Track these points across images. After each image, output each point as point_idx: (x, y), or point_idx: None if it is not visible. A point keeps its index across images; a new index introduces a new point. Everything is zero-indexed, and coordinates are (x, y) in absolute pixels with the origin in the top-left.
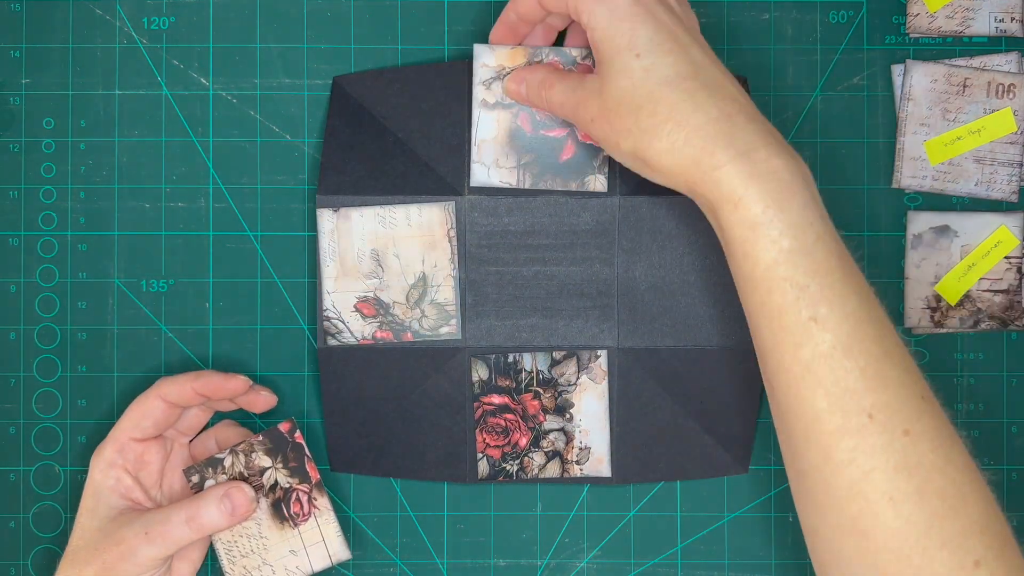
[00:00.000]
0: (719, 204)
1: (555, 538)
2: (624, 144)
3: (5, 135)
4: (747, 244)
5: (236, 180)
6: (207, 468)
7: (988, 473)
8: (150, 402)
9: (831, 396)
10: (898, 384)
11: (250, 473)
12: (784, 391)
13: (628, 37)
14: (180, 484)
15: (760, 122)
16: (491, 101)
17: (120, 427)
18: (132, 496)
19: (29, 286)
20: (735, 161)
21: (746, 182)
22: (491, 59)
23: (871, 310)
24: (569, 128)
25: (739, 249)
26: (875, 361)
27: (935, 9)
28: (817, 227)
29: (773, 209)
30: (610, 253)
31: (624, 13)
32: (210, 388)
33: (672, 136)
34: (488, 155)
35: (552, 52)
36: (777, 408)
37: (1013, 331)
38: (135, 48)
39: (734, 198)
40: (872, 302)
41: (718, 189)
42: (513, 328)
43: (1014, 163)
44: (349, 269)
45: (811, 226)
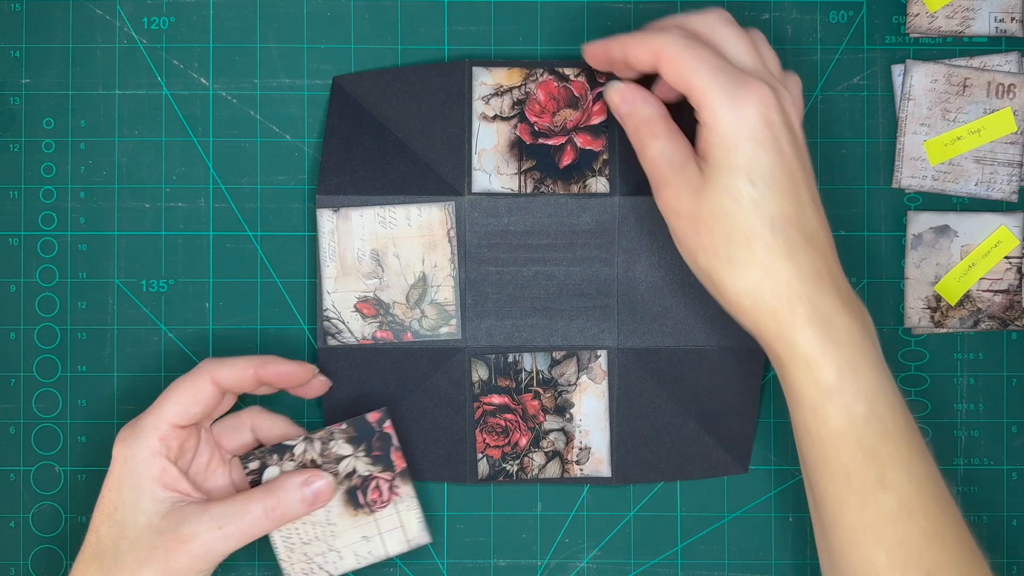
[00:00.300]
0: (790, 361)
1: (555, 538)
2: (702, 260)
3: (5, 135)
4: (818, 406)
5: (236, 180)
6: (270, 455)
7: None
8: (201, 386)
9: (892, 554)
10: (955, 541)
11: (324, 461)
12: (841, 543)
13: (747, 160)
14: (215, 471)
15: (841, 280)
16: (490, 115)
17: (163, 413)
18: (178, 487)
19: (29, 286)
20: (814, 325)
21: (824, 346)
22: (488, 78)
23: (930, 468)
24: (569, 135)
25: (808, 407)
26: (935, 521)
27: (935, 9)
28: (889, 393)
29: (848, 375)
30: (610, 253)
31: (750, 132)
32: (276, 375)
33: (758, 281)
34: (489, 163)
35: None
36: (829, 555)
37: (1013, 331)
38: (135, 48)
39: (809, 360)
40: (929, 460)
41: (793, 348)
42: (513, 328)
43: (1014, 163)
44: (349, 269)
45: (884, 392)
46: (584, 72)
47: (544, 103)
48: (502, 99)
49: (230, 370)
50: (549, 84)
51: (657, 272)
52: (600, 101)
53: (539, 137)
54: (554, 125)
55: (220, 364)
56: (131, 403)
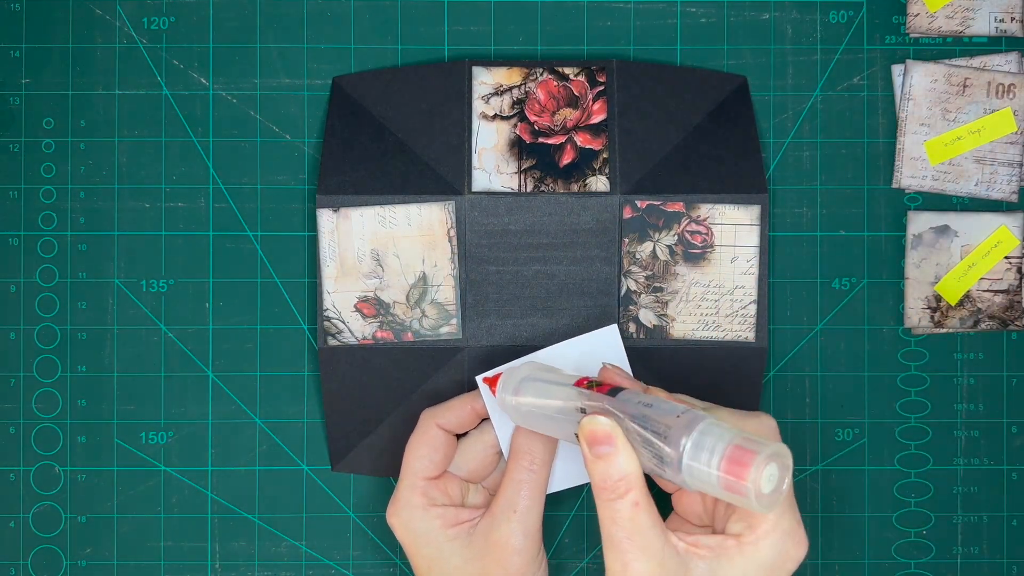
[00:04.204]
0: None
1: (555, 538)
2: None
3: (5, 135)
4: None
5: (236, 180)
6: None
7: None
8: (433, 434)
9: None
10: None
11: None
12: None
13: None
14: (476, 475)
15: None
16: (490, 114)
17: (413, 474)
18: (461, 518)
19: (29, 286)
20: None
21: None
22: (488, 78)
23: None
24: (569, 134)
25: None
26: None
27: (935, 9)
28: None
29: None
30: (611, 252)
31: (796, 557)
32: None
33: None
34: (489, 162)
35: (548, 73)
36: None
37: (1013, 331)
38: (135, 48)
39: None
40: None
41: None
42: (513, 328)
43: (1014, 163)
44: (349, 269)
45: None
46: (584, 72)
47: (544, 102)
48: (502, 98)
49: (451, 413)
50: (549, 83)
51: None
52: (600, 100)
53: (539, 136)
54: (554, 124)
55: (440, 411)
56: (131, 403)
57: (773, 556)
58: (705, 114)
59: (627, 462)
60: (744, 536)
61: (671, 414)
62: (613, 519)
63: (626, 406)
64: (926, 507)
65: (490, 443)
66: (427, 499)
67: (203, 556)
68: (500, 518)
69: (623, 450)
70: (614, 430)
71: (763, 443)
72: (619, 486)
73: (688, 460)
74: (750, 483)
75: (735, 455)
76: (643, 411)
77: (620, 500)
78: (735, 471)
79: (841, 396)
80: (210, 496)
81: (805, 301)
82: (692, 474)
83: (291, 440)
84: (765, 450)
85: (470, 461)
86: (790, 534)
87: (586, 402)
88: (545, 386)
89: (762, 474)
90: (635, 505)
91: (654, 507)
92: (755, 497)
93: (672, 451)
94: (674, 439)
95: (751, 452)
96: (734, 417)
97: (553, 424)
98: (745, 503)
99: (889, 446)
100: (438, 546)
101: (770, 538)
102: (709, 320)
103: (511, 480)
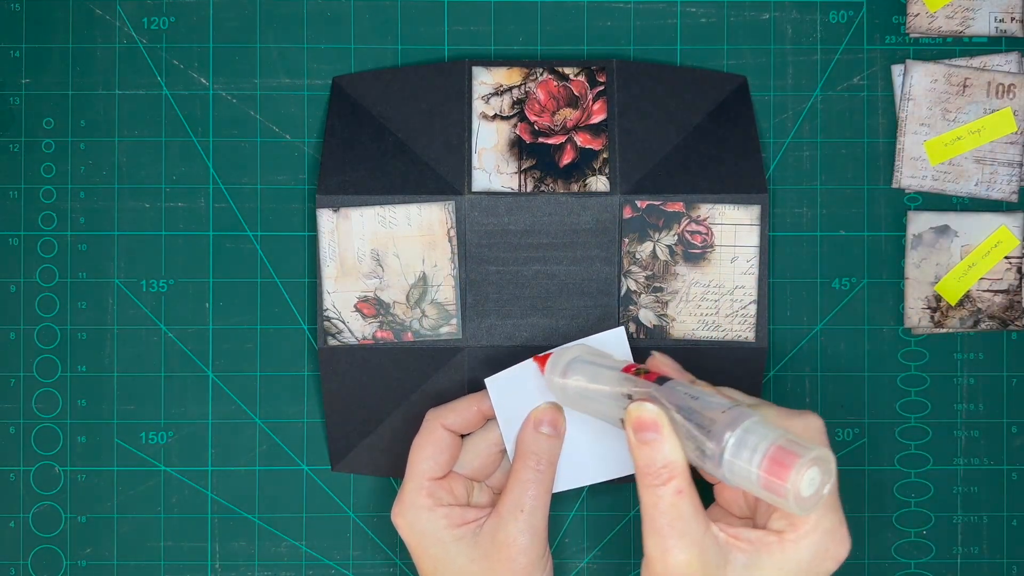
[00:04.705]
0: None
1: (555, 538)
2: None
3: (5, 135)
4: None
5: (236, 180)
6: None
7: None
8: (438, 435)
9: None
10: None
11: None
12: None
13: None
14: (482, 474)
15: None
16: (490, 114)
17: (418, 474)
18: (467, 518)
19: (29, 286)
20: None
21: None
22: (488, 78)
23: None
24: (569, 134)
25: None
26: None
27: (935, 9)
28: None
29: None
30: (611, 252)
31: (837, 557)
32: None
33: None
34: (489, 162)
35: (548, 72)
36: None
37: (1013, 331)
38: (135, 48)
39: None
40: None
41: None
42: (514, 327)
43: (1014, 163)
44: (349, 269)
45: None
46: (584, 72)
47: (544, 102)
48: (502, 98)
49: (456, 414)
50: (549, 83)
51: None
52: (600, 100)
53: (539, 136)
54: (554, 124)
55: (445, 411)
56: (131, 403)
57: (813, 554)
58: (705, 114)
59: (672, 450)
60: (786, 533)
61: (716, 408)
62: (655, 505)
63: (672, 395)
64: (926, 507)
65: (494, 442)
66: (433, 500)
67: (203, 556)
68: (507, 518)
69: (668, 438)
70: (660, 417)
71: (807, 446)
72: (662, 473)
73: (729, 456)
74: (790, 485)
75: (777, 456)
76: (689, 402)
77: (663, 487)
78: (776, 471)
79: (841, 396)
80: (210, 496)
81: (805, 301)
82: (732, 470)
83: (291, 440)
84: (808, 454)
85: (474, 460)
86: (832, 533)
87: (633, 388)
88: (593, 369)
89: (803, 477)
90: (678, 493)
91: (697, 496)
92: (794, 499)
93: (714, 445)
94: (717, 434)
95: (794, 454)
96: (781, 416)
97: (598, 407)
98: (783, 504)
99: (889, 446)
100: (444, 546)
101: (811, 537)
102: (709, 320)
103: (517, 480)
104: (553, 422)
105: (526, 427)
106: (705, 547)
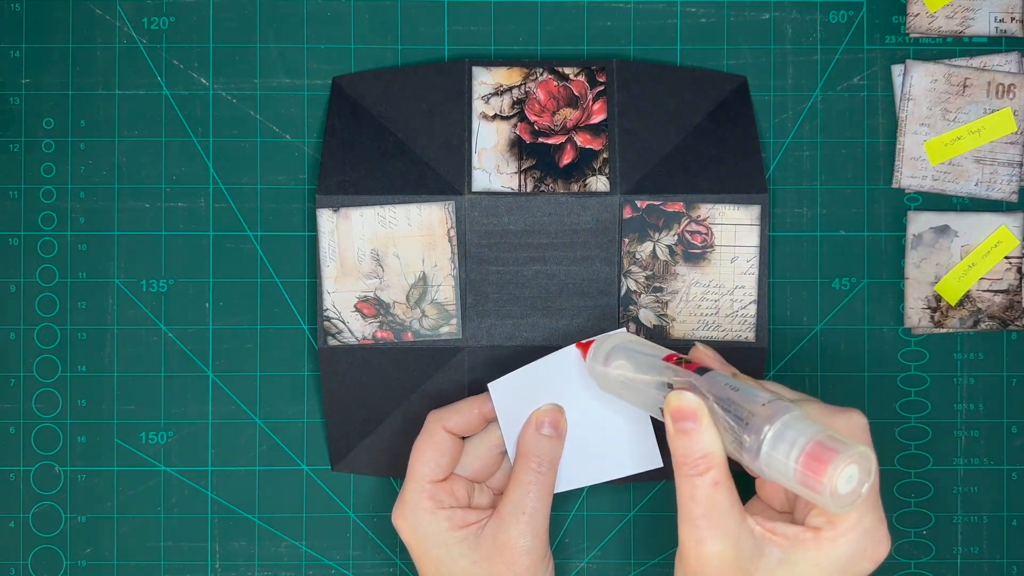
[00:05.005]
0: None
1: (555, 538)
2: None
3: (5, 135)
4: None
5: (236, 180)
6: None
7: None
8: (440, 438)
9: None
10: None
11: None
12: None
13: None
14: (482, 475)
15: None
16: (490, 114)
17: (419, 476)
18: (469, 519)
19: (29, 286)
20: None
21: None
22: (488, 78)
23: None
24: (569, 134)
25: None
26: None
27: (935, 9)
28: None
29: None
30: (611, 252)
31: (844, 566)
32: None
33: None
34: (489, 162)
35: (548, 72)
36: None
37: (1013, 331)
38: (135, 48)
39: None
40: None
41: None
42: (513, 327)
43: (1014, 163)
44: (349, 269)
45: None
46: (584, 72)
47: (544, 102)
48: (502, 98)
49: (458, 417)
50: (549, 83)
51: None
52: (600, 100)
53: (539, 136)
54: (554, 124)
55: (447, 413)
56: (131, 403)
57: (850, 553)
58: (705, 114)
59: (711, 440)
60: (823, 530)
61: (757, 401)
62: (692, 495)
63: (712, 386)
64: (926, 507)
65: (495, 444)
66: (435, 502)
67: (203, 556)
68: (508, 519)
69: (707, 428)
70: (700, 407)
71: (848, 443)
72: (700, 463)
73: (767, 449)
74: (826, 481)
75: (815, 451)
76: (729, 394)
77: (700, 477)
78: (813, 467)
79: (841, 396)
80: (210, 496)
81: (805, 301)
82: (770, 464)
83: (291, 440)
84: (848, 451)
85: (475, 461)
86: (871, 533)
87: (673, 377)
88: (635, 357)
89: (841, 474)
90: (715, 484)
91: (734, 488)
92: (830, 496)
93: (752, 438)
94: (756, 426)
95: (832, 451)
96: (823, 412)
97: (638, 395)
98: (820, 500)
99: (889, 446)
100: (447, 548)
101: (849, 535)
102: (709, 320)
103: (519, 482)
104: (554, 423)
105: (527, 428)
106: (740, 539)
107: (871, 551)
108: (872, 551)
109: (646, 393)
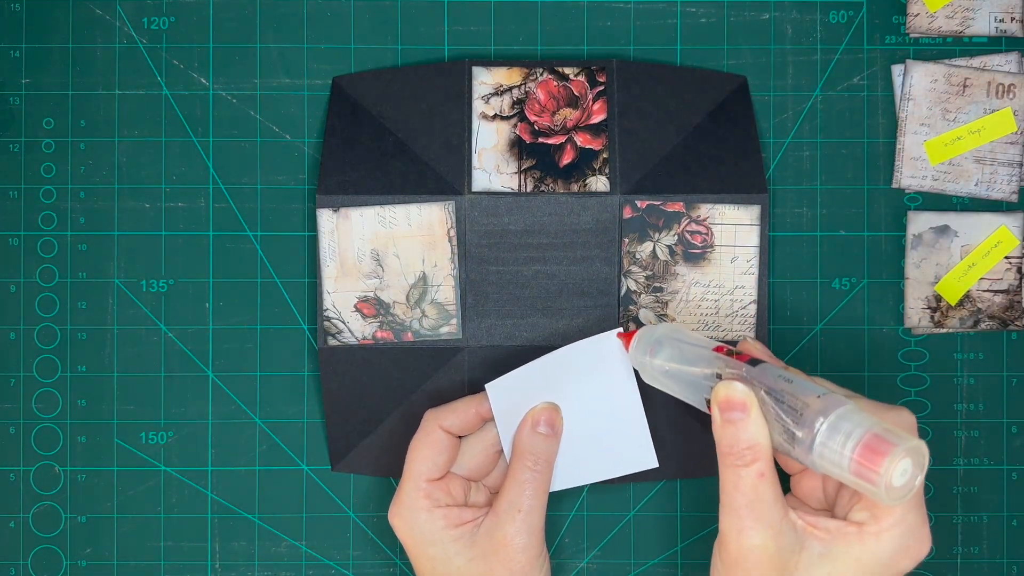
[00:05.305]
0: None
1: (555, 538)
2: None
3: (5, 135)
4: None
5: (236, 180)
6: None
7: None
8: (436, 437)
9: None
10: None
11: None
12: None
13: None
14: (479, 473)
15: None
16: (490, 114)
17: (416, 475)
18: (465, 518)
19: (29, 286)
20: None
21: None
22: (488, 78)
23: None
24: (569, 134)
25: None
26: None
27: (935, 9)
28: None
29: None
30: (611, 252)
31: (889, 564)
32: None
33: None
34: (489, 162)
35: (549, 73)
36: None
37: (1013, 331)
38: (135, 48)
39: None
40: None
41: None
42: (513, 327)
43: (1014, 163)
44: (349, 269)
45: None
46: (584, 72)
47: (544, 102)
48: (502, 98)
49: (454, 415)
50: (549, 83)
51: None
52: (600, 100)
53: (539, 136)
54: (554, 124)
55: (444, 412)
56: (131, 403)
57: (892, 550)
58: (705, 114)
59: (758, 431)
60: (866, 525)
61: (811, 393)
62: (736, 485)
63: (765, 377)
64: (926, 507)
65: (491, 443)
66: (431, 501)
67: (203, 556)
68: (504, 518)
69: (756, 419)
70: (749, 398)
71: (903, 436)
72: (746, 454)
73: (822, 439)
74: (883, 472)
75: (872, 443)
76: (782, 385)
77: (745, 468)
78: (869, 458)
79: None
80: (210, 496)
81: (805, 301)
82: (823, 455)
83: (291, 440)
84: (904, 444)
85: (471, 460)
86: (913, 531)
87: (725, 368)
88: (682, 348)
89: (896, 466)
90: (760, 476)
91: (778, 481)
92: (885, 488)
93: (806, 430)
94: (810, 418)
95: (889, 443)
96: (873, 408)
97: (684, 387)
98: (874, 492)
99: None
100: (443, 546)
101: (892, 532)
102: (709, 320)
103: (514, 480)
104: (550, 422)
105: (523, 426)
106: (781, 532)
107: (913, 549)
108: (914, 549)
109: (694, 384)
